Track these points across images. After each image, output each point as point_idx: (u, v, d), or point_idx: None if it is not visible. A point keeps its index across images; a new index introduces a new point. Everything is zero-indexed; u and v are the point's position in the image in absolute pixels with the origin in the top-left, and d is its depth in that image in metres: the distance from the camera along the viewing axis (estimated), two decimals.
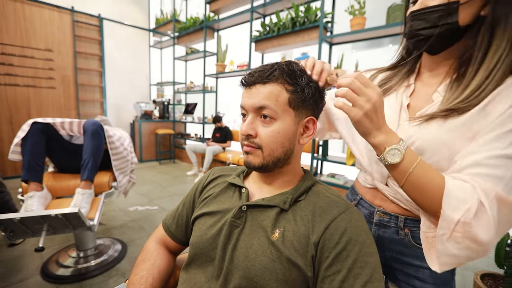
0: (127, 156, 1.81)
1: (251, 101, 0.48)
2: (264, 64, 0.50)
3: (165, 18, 4.95)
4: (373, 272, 0.40)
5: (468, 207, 0.40)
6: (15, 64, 3.38)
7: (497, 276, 1.32)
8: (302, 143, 0.52)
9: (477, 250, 0.40)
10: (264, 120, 0.48)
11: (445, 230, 0.41)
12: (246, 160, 0.51)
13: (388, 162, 0.44)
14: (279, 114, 0.47)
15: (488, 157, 0.40)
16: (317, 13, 2.71)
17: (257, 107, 0.48)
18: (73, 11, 3.83)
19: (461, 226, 0.40)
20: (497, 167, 0.40)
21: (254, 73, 0.49)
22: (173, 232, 0.62)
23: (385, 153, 0.44)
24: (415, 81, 0.57)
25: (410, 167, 0.43)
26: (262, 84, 0.48)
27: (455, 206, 0.40)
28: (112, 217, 2.37)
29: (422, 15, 0.48)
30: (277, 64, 0.49)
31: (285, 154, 0.50)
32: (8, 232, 1.18)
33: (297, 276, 0.43)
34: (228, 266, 0.46)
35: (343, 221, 0.44)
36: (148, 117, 4.82)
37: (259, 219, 0.49)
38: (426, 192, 0.43)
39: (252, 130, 0.49)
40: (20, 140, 1.35)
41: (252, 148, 0.49)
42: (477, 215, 0.39)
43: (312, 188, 0.53)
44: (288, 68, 0.49)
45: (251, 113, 0.49)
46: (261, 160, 0.49)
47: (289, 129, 0.49)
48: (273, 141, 0.48)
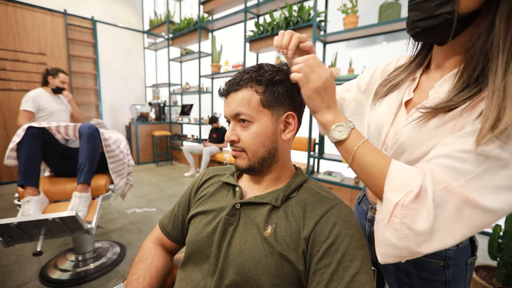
0: (123, 159, 1.81)
1: (228, 110, 0.52)
2: (236, 73, 0.53)
3: (159, 19, 4.93)
4: (362, 264, 0.41)
5: (410, 190, 0.37)
6: (8, 68, 3.35)
7: (490, 268, 1.35)
8: (285, 139, 0.53)
9: (415, 241, 0.37)
10: (243, 124, 0.51)
11: (384, 214, 0.40)
12: (234, 164, 0.55)
13: (335, 139, 0.45)
14: (254, 117, 0.50)
15: (459, 150, 0.37)
16: (310, 12, 2.73)
17: (233, 114, 0.51)
18: (65, 14, 3.81)
19: (399, 210, 0.38)
20: (464, 161, 0.36)
21: (227, 83, 0.53)
22: (170, 232, 0.63)
23: (332, 130, 0.45)
24: (422, 74, 0.52)
25: (356, 145, 0.43)
26: (235, 92, 0.51)
27: (396, 189, 0.39)
28: (110, 220, 2.37)
29: (419, 4, 0.43)
30: (246, 69, 0.52)
31: (269, 153, 0.52)
32: (6, 237, 1.18)
33: (289, 270, 0.44)
34: (223, 263, 0.48)
35: (332, 216, 0.46)
36: (144, 119, 4.81)
37: (252, 216, 0.50)
38: (370, 173, 0.42)
39: (234, 136, 0.52)
40: (15, 145, 1.34)
41: (237, 152, 0.53)
42: (416, 199, 0.37)
43: (304, 185, 0.54)
44: (257, 71, 0.51)
45: (231, 120, 0.53)
46: (247, 162, 0.52)
47: (267, 128, 0.51)
48: (254, 143, 0.51)
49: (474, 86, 0.40)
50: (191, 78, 4.89)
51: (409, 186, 0.38)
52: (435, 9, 0.41)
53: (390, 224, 0.39)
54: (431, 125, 0.43)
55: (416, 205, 0.37)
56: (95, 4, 4.33)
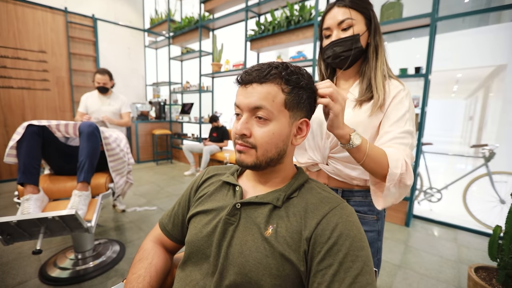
0: (123, 157, 1.81)
1: (247, 100, 0.48)
2: (261, 63, 0.50)
3: (159, 18, 4.92)
4: (364, 265, 0.41)
5: (401, 163, 0.61)
6: (9, 66, 3.34)
7: (490, 269, 1.35)
8: (295, 144, 0.53)
9: (406, 190, 0.64)
10: (259, 121, 0.49)
11: (391, 182, 0.62)
12: (238, 159, 0.52)
13: (354, 145, 0.59)
14: (274, 115, 0.48)
15: (399, 133, 0.66)
16: (312, 12, 2.72)
17: (253, 107, 0.48)
18: (66, 12, 3.80)
19: (400, 176, 0.61)
20: (404, 138, 0.66)
21: (251, 72, 0.49)
22: (170, 231, 0.63)
23: (352, 138, 0.59)
24: None
25: (367, 146, 0.60)
26: (259, 84, 0.48)
27: (395, 165, 0.61)
28: (110, 219, 2.36)
29: (340, 43, 0.71)
30: (274, 64, 0.50)
31: (278, 154, 0.51)
32: (5, 235, 1.18)
33: (290, 271, 0.44)
34: (223, 263, 0.47)
35: (334, 216, 0.45)
36: (144, 117, 4.80)
37: (252, 216, 0.50)
38: (378, 161, 0.61)
39: (246, 129, 0.49)
40: (15, 143, 1.34)
41: (246, 147, 0.50)
42: (406, 169, 0.61)
43: (305, 185, 0.54)
44: (286, 69, 0.49)
45: (246, 113, 0.49)
46: (254, 160, 0.50)
47: (284, 130, 0.49)
48: (268, 142, 0.49)
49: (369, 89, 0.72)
50: (192, 77, 4.88)
51: (400, 161, 0.61)
52: (351, 45, 0.71)
53: (394, 186, 0.62)
54: (363, 109, 0.71)
55: (407, 173, 0.62)
56: (96, 2, 4.32)
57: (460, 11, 2.04)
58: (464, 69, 5.94)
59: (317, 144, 0.77)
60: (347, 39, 0.70)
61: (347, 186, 0.76)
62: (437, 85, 8.46)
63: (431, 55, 2.17)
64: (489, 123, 6.45)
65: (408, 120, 0.67)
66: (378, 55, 0.72)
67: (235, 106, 0.51)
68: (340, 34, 0.71)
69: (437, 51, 2.27)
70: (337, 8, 0.71)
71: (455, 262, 1.80)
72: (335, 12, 0.71)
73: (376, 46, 0.73)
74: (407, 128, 0.66)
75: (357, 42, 0.71)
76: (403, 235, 2.19)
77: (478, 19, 6.02)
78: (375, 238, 0.76)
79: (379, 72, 0.71)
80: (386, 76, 0.72)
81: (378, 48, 0.73)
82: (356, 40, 0.70)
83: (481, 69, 5.82)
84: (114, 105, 2.44)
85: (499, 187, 2.40)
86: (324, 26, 0.74)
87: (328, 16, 0.73)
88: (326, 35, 0.74)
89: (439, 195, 2.79)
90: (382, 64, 0.72)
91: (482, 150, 2.48)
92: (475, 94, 9.30)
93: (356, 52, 0.71)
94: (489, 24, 5.62)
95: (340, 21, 0.70)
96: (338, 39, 0.71)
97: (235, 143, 0.52)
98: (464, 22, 6.03)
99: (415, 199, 2.76)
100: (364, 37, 0.72)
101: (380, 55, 0.72)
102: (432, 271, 1.69)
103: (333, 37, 0.72)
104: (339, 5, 0.71)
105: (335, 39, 0.71)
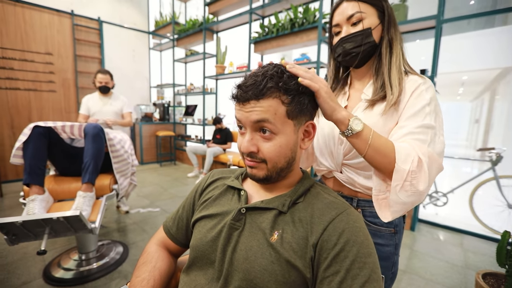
0: (127, 159, 1.81)
1: (248, 118, 0.47)
2: (255, 73, 0.47)
3: (164, 20, 4.96)
4: (372, 272, 0.40)
5: (412, 159, 0.53)
6: (16, 68, 3.39)
7: (499, 275, 1.32)
8: (303, 148, 0.52)
9: (418, 197, 0.54)
10: (264, 135, 0.47)
11: (398, 181, 0.53)
12: (250, 173, 0.51)
13: (354, 131, 0.54)
14: (279, 128, 0.47)
15: (415, 127, 0.57)
16: (316, 14, 2.72)
17: (255, 121, 0.46)
18: (72, 15, 3.85)
19: (409, 175, 0.52)
20: (421, 133, 0.57)
21: (247, 89, 0.46)
22: (174, 234, 0.63)
23: (351, 123, 0.54)
24: (349, 89, 0.76)
25: (370, 133, 0.55)
26: (256, 100, 0.45)
27: (404, 159, 0.53)
28: (114, 220, 2.37)
29: (350, 39, 0.66)
30: (267, 74, 0.46)
31: (288, 163, 0.50)
32: (11, 235, 1.19)
33: (296, 277, 0.43)
34: (228, 268, 0.47)
35: (341, 222, 0.45)
36: (148, 119, 4.83)
37: (258, 221, 0.49)
38: (384, 153, 0.55)
39: (253, 146, 0.48)
40: (21, 144, 1.35)
41: (256, 163, 0.49)
42: (418, 166, 0.53)
43: (311, 190, 0.53)
44: (282, 77, 0.46)
45: (249, 128, 0.48)
46: (265, 172, 0.49)
47: (291, 140, 0.49)
48: (276, 155, 0.48)
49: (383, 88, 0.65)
50: (196, 79, 4.90)
51: (410, 155, 0.53)
52: (361, 41, 0.65)
53: (403, 188, 0.53)
54: (375, 111, 0.65)
55: (418, 170, 0.53)
56: (101, 5, 4.38)
57: (466, 13, 2.02)
58: (470, 72, 5.89)
59: (329, 150, 0.73)
60: (357, 34, 0.65)
61: (363, 196, 0.70)
62: (442, 88, 8.39)
63: (437, 57, 2.15)
64: (495, 126, 6.37)
65: (428, 114, 0.58)
66: (393, 50, 0.66)
67: (237, 119, 0.50)
68: (350, 30, 0.66)
69: (442, 53, 2.24)
70: (346, 3, 0.66)
71: (461, 267, 1.77)
72: (343, 7, 0.66)
73: (390, 40, 0.66)
74: (427, 122, 0.57)
75: (369, 37, 0.65)
76: (408, 239, 2.16)
77: (484, 21, 5.96)
78: (391, 253, 0.69)
79: (394, 68, 0.64)
80: (403, 72, 0.66)
81: (393, 42, 0.66)
82: (367, 35, 0.64)
83: (487, 71, 5.76)
84: (116, 105, 2.46)
85: (506, 191, 2.36)
86: (333, 23, 0.69)
87: (336, 12, 0.68)
88: (335, 32, 0.69)
89: (445, 199, 2.75)
90: (398, 59, 0.65)
91: (489, 153, 2.45)
92: (481, 96, 9.19)
93: (368, 47, 0.65)
94: (495, 26, 5.56)
95: (350, 16, 0.65)
96: (348, 34, 0.66)
97: (243, 158, 0.51)
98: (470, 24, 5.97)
99: (421, 203, 2.73)
100: (377, 30, 0.65)
101: (395, 49, 0.66)
102: (438, 276, 1.66)
103: (342, 33, 0.67)
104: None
105: (345, 35, 0.66)
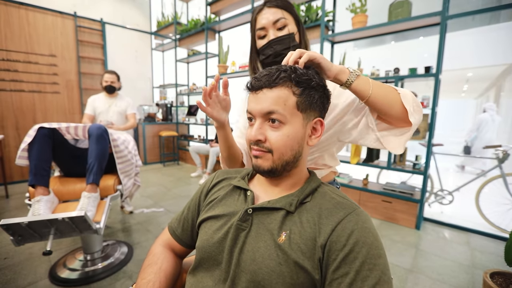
0: (131, 159, 1.82)
1: (259, 106, 0.49)
2: (269, 67, 0.50)
3: (166, 21, 4.97)
4: (382, 274, 0.40)
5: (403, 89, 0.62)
6: (20, 70, 3.42)
7: (507, 274, 1.30)
8: (310, 144, 0.52)
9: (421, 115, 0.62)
10: (273, 125, 0.48)
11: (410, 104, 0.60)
12: (255, 164, 0.51)
13: (357, 72, 0.58)
14: (287, 118, 0.48)
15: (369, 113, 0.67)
16: (318, 12, 2.70)
17: (265, 112, 0.48)
18: (75, 17, 3.87)
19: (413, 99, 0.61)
20: None
21: (260, 77, 0.49)
22: (179, 235, 0.62)
23: (350, 69, 0.59)
24: None
25: (369, 78, 0.60)
26: (269, 89, 0.48)
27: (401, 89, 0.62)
28: (118, 220, 2.38)
29: (279, 41, 0.73)
30: (281, 67, 0.49)
31: (294, 157, 0.50)
32: (16, 236, 1.20)
33: (304, 279, 0.42)
34: (235, 270, 0.46)
35: (350, 222, 0.44)
36: (151, 119, 4.84)
37: (265, 222, 0.49)
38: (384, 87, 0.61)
39: (261, 135, 0.49)
40: (26, 145, 1.36)
41: (262, 152, 0.50)
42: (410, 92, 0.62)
43: (318, 190, 0.52)
44: (295, 71, 0.49)
45: (259, 118, 0.49)
46: (270, 164, 0.49)
47: (298, 132, 0.49)
48: (283, 145, 0.48)
49: None
50: (198, 78, 4.90)
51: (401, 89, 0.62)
52: (289, 43, 0.73)
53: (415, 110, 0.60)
54: None
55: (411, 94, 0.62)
56: (104, 6, 4.39)
57: (470, 9, 1.99)
58: (475, 68, 5.82)
59: None
60: (285, 37, 0.73)
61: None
62: (447, 85, 8.30)
63: (442, 54, 2.12)
64: (501, 123, 6.29)
65: None
66: None
67: (248, 112, 0.52)
68: (277, 33, 0.73)
69: (447, 50, 2.22)
70: (268, 9, 0.74)
71: (468, 266, 1.75)
72: (268, 12, 0.73)
73: (306, 44, 0.77)
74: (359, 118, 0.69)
75: (294, 40, 0.74)
76: (413, 238, 2.14)
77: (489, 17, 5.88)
78: None
79: None
80: None
81: (308, 45, 0.77)
82: (292, 38, 0.74)
83: (492, 67, 5.69)
84: (120, 105, 2.48)
85: None
86: (258, 27, 0.75)
87: (260, 17, 0.74)
88: (260, 35, 0.76)
89: (451, 197, 2.72)
90: None
91: (496, 151, 2.41)
92: (486, 93, 9.08)
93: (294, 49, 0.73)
94: (500, 22, 5.48)
95: (275, 20, 0.72)
96: (277, 37, 0.73)
97: (250, 148, 0.51)
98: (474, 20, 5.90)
99: (426, 201, 2.71)
100: (297, 35, 0.76)
101: None
102: (444, 276, 1.64)
103: (270, 36, 0.73)
104: (269, 5, 0.74)
105: (273, 37, 0.73)
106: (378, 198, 2.53)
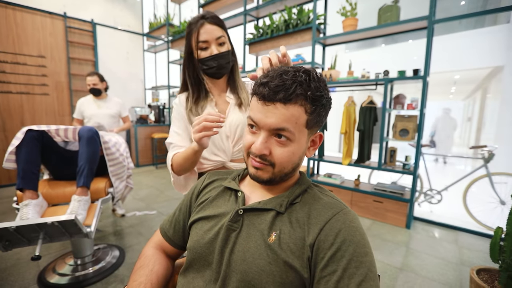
0: (123, 162, 1.80)
1: (268, 120, 0.46)
2: (283, 75, 0.45)
3: (158, 22, 4.94)
4: (368, 271, 0.41)
5: None
6: (8, 71, 3.34)
7: (492, 271, 1.35)
8: (308, 156, 0.53)
9: None
10: (280, 140, 0.47)
11: None
12: (254, 174, 0.51)
13: None
14: (296, 136, 0.47)
15: None
16: (310, 15, 2.74)
17: (275, 128, 0.46)
18: (65, 17, 3.81)
19: None
20: None
21: (277, 90, 0.44)
22: (171, 237, 0.62)
23: None
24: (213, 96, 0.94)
25: None
26: (283, 104, 0.44)
27: None
28: (110, 223, 2.35)
29: (223, 56, 0.87)
30: (298, 78, 0.44)
31: (293, 169, 0.51)
32: (4, 241, 1.17)
33: (294, 278, 0.43)
34: (226, 270, 0.47)
35: (337, 222, 0.45)
36: (143, 121, 4.79)
37: (255, 222, 0.49)
38: None
39: (266, 149, 0.47)
40: (14, 148, 1.33)
41: (263, 165, 0.49)
42: None
43: (308, 190, 0.54)
44: (308, 84, 0.45)
45: (265, 131, 0.47)
46: (270, 175, 0.50)
47: (302, 148, 0.50)
48: (287, 161, 0.48)
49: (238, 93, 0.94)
50: None
51: None
52: (228, 58, 0.89)
53: None
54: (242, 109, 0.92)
55: None
56: (95, 7, 4.34)
57: (457, 13, 2.06)
58: (462, 71, 5.98)
59: (220, 147, 0.89)
60: (226, 53, 0.87)
61: None
62: (435, 87, 8.51)
63: (429, 57, 2.18)
64: (487, 124, 6.48)
65: None
66: (237, 67, 0.95)
67: (251, 119, 0.49)
68: (220, 48, 0.86)
69: (435, 53, 2.28)
70: (209, 25, 0.83)
71: (456, 264, 1.80)
72: (210, 28, 0.83)
73: (235, 61, 0.94)
74: None
75: (232, 56, 0.91)
76: (404, 237, 2.18)
77: (475, 21, 6.07)
78: None
79: (240, 80, 0.96)
80: None
81: (236, 62, 0.94)
82: (231, 54, 0.90)
83: (479, 70, 5.86)
84: (112, 108, 2.46)
85: (499, 188, 2.40)
86: (201, 39, 0.84)
87: (203, 31, 0.83)
88: (202, 47, 0.85)
89: (439, 196, 2.79)
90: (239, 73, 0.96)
91: (482, 151, 2.49)
92: (473, 95, 9.34)
93: (231, 64, 0.91)
94: (485, 26, 5.67)
95: (218, 37, 0.85)
96: (221, 52, 0.86)
97: (250, 157, 0.51)
98: (461, 24, 6.08)
99: (415, 201, 2.76)
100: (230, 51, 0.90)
101: (237, 67, 0.95)
102: (434, 273, 1.68)
103: (214, 51, 0.85)
104: (211, 22, 0.83)
105: (218, 52, 0.85)
106: (370, 198, 2.57)
